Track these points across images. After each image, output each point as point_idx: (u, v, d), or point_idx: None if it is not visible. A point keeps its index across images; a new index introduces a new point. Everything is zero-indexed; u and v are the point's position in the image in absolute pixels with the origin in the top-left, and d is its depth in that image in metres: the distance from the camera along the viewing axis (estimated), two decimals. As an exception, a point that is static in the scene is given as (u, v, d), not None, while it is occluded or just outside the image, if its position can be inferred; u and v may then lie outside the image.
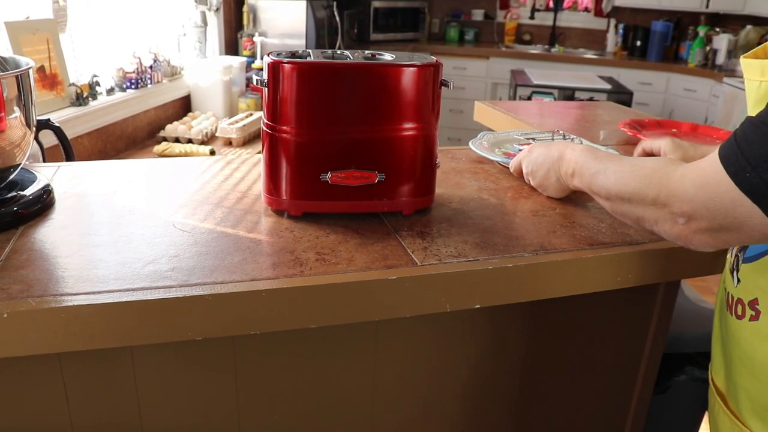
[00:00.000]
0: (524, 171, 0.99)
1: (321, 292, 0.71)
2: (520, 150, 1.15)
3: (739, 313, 0.73)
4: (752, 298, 0.70)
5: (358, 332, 0.91)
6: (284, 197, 0.87)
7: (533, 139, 1.23)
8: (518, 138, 1.25)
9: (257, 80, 0.84)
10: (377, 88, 0.83)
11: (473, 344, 0.99)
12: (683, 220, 0.65)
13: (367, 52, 0.91)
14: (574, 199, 1.00)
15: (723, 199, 0.61)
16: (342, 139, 0.81)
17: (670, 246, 0.85)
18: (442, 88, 0.88)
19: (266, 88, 0.83)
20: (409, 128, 0.85)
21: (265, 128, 0.86)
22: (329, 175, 0.84)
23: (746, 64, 0.72)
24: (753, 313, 0.70)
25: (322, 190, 0.85)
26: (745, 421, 0.73)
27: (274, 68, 0.81)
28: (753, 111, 0.70)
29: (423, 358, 0.97)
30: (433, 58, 0.87)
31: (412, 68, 0.83)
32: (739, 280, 0.73)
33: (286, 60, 0.81)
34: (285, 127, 0.83)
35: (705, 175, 0.63)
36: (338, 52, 0.89)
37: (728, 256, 0.79)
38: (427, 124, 0.87)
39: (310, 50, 0.88)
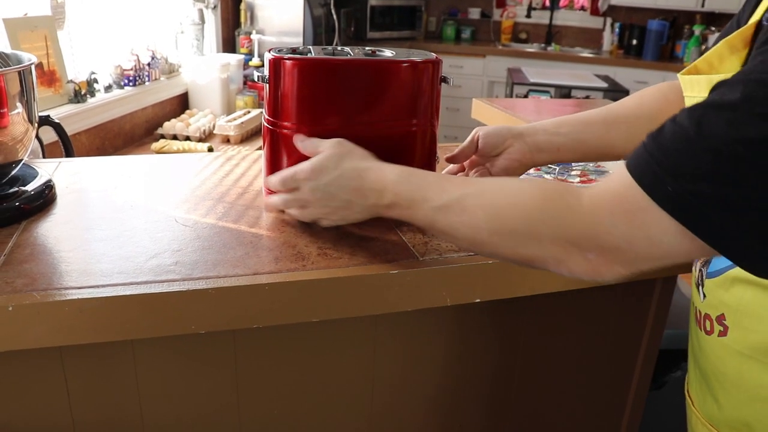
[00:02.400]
0: (306, 196, 0.75)
1: (323, 286, 0.72)
2: None
3: (708, 328, 0.72)
4: (719, 313, 0.70)
5: (358, 327, 0.92)
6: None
7: None
8: None
9: (258, 76, 0.84)
10: (378, 85, 0.83)
11: (474, 339, 0.99)
12: (595, 256, 0.55)
13: (367, 48, 0.91)
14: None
15: (648, 226, 0.52)
16: (343, 136, 0.82)
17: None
18: (442, 84, 0.88)
19: (267, 85, 0.84)
20: (409, 124, 0.86)
21: (266, 124, 0.86)
22: None
23: (689, 81, 0.68)
24: (721, 328, 0.69)
25: None
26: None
27: (276, 64, 0.81)
28: None
29: (423, 353, 0.97)
30: (433, 55, 0.87)
31: (412, 65, 0.84)
32: (705, 296, 0.72)
33: (287, 56, 0.81)
34: (286, 123, 0.83)
35: (624, 201, 0.53)
36: (338, 48, 0.89)
37: (693, 270, 0.76)
38: (428, 120, 0.87)
39: (310, 47, 0.89)
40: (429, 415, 1.03)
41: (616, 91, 3.82)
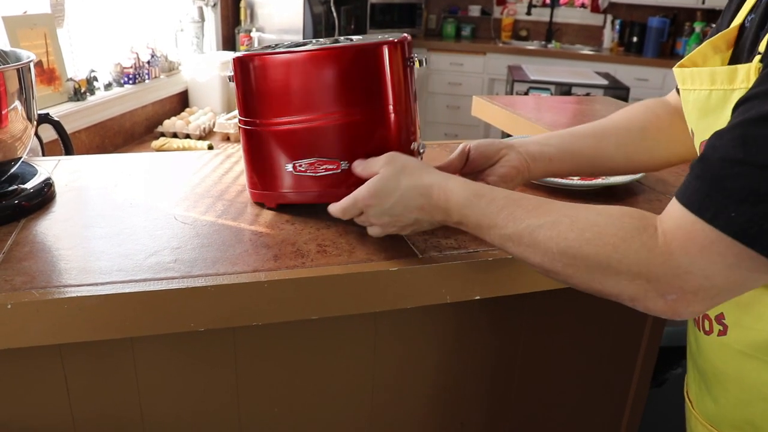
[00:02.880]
0: (373, 221, 0.74)
1: (322, 283, 0.72)
2: None
3: (707, 328, 0.71)
4: (718, 313, 0.69)
5: (358, 325, 0.92)
6: (259, 189, 0.89)
7: None
8: None
9: (229, 77, 0.87)
10: (328, 74, 0.79)
11: (473, 337, 0.99)
12: (674, 297, 0.54)
13: (342, 38, 0.86)
14: (573, 194, 1.01)
15: (723, 257, 0.51)
16: (301, 129, 0.81)
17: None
18: (415, 68, 0.83)
19: (232, 83, 0.87)
20: (370, 111, 0.80)
21: (238, 122, 0.89)
22: (292, 165, 0.83)
23: (689, 73, 0.68)
24: (720, 328, 0.69)
25: (292, 181, 0.84)
26: None
27: (233, 63, 0.85)
28: (700, 122, 0.67)
29: (423, 350, 0.97)
30: (402, 35, 0.82)
31: (363, 49, 0.78)
32: None
33: (238, 54, 0.84)
34: (249, 120, 0.85)
35: (693, 238, 0.52)
36: (314, 41, 0.87)
37: None
38: (394, 105, 0.80)
39: (301, 40, 0.88)
40: (429, 413, 1.03)
41: (616, 89, 3.82)
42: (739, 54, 0.65)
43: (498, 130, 2.21)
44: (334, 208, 0.77)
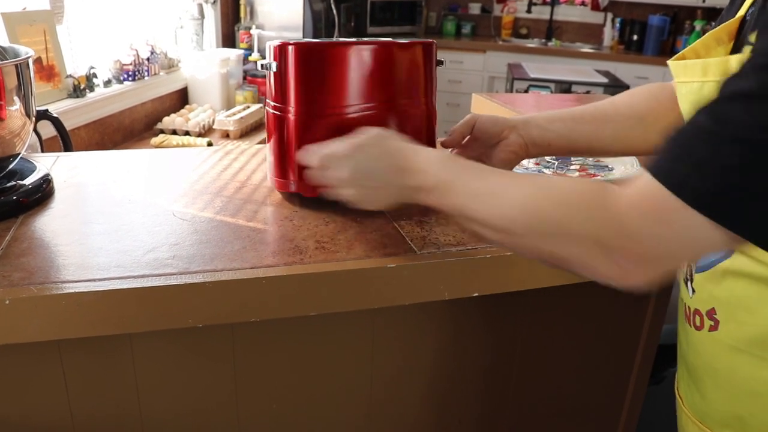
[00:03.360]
0: (340, 175, 0.73)
1: (320, 280, 0.72)
2: None
3: (698, 324, 0.71)
4: (709, 308, 0.69)
5: (356, 321, 0.92)
6: (293, 179, 0.87)
7: None
8: None
9: (262, 65, 0.86)
10: (380, 67, 0.85)
11: (472, 334, 0.99)
12: (626, 262, 0.54)
13: (365, 39, 0.92)
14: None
15: (680, 225, 0.51)
16: (350, 119, 0.83)
17: (666, 236, 0.85)
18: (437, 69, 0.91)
19: (273, 72, 0.86)
20: (410, 105, 0.88)
21: (272, 110, 0.88)
22: None
23: (683, 66, 0.69)
24: (712, 323, 0.69)
25: None
26: (714, 429, 0.72)
27: (282, 51, 0.84)
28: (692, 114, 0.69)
29: (421, 347, 0.97)
30: (430, 41, 0.90)
31: (412, 45, 0.87)
32: (694, 291, 0.72)
33: (293, 42, 0.83)
34: (291, 108, 0.85)
35: (653, 203, 0.52)
36: (341, 39, 0.90)
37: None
38: (428, 101, 0.90)
39: (311, 40, 0.89)
40: (427, 409, 1.03)
41: (616, 87, 3.81)
42: (740, 46, 0.66)
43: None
44: (311, 156, 0.76)
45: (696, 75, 0.66)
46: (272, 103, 0.88)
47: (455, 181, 0.65)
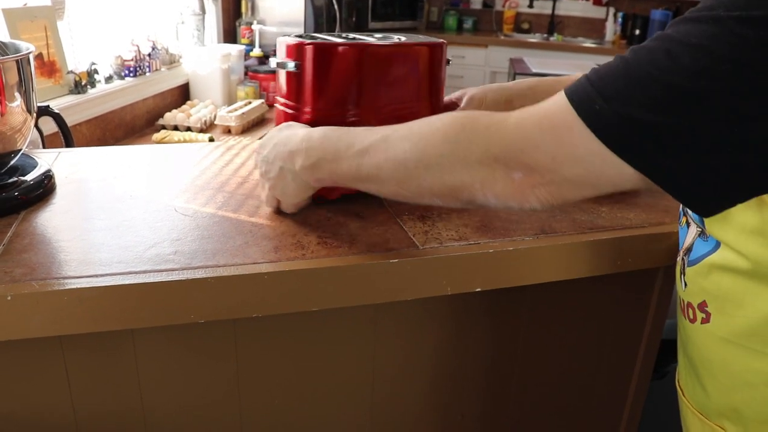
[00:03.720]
0: (259, 170, 0.79)
1: (323, 275, 0.71)
2: None
3: (692, 316, 0.71)
4: (700, 300, 0.69)
5: (358, 316, 0.91)
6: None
7: None
8: None
9: (279, 63, 0.83)
10: (400, 66, 0.84)
11: (474, 329, 0.99)
12: (521, 175, 0.54)
13: (376, 34, 0.91)
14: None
15: (574, 144, 0.51)
16: (366, 119, 0.83)
17: (670, 230, 0.85)
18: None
19: (291, 72, 0.83)
20: (426, 105, 0.88)
21: (283, 108, 0.86)
22: None
23: None
24: (704, 315, 0.69)
25: None
26: (714, 421, 0.72)
27: (299, 50, 0.81)
28: None
29: (424, 342, 0.97)
30: (440, 39, 0.90)
31: (430, 46, 0.87)
32: (686, 284, 0.72)
33: (309, 41, 0.81)
34: (307, 108, 0.83)
35: (552, 116, 0.53)
36: (343, 35, 0.89)
37: (677, 259, 0.77)
38: (439, 101, 0.90)
39: (316, 34, 0.88)
40: (430, 405, 1.03)
41: (618, 81, 3.80)
42: None
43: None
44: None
45: None
46: (284, 101, 0.86)
47: (338, 146, 0.67)
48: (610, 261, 0.83)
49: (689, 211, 0.71)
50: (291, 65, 0.82)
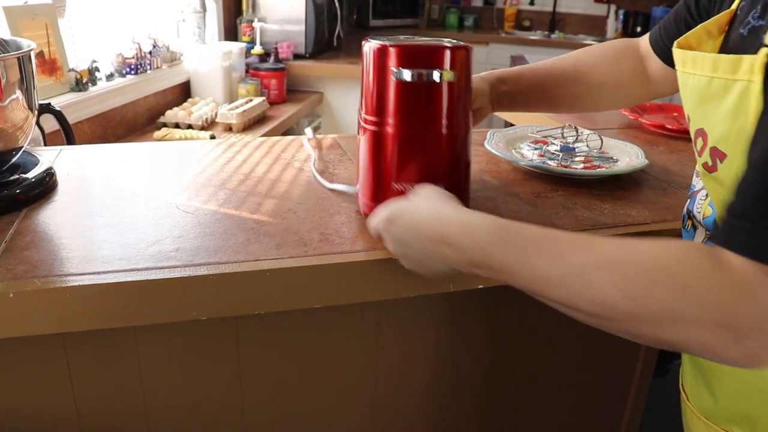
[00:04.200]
0: (390, 248, 0.70)
1: (325, 273, 0.71)
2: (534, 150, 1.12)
3: None
4: None
5: (360, 314, 0.91)
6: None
7: (549, 137, 1.16)
8: (531, 135, 1.19)
9: (396, 71, 0.72)
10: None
11: (476, 327, 0.99)
12: (756, 342, 0.47)
13: (402, 37, 0.83)
14: (576, 182, 1.00)
15: None
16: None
17: (672, 227, 0.85)
18: None
19: (422, 83, 0.73)
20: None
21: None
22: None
23: (692, 57, 0.65)
24: None
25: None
26: (722, 426, 0.72)
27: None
28: (697, 109, 0.65)
29: (426, 340, 0.97)
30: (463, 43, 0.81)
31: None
32: None
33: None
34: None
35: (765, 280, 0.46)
36: (401, 38, 0.81)
37: None
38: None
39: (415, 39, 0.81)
40: (432, 403, 1.03)
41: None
42: (728, 39, 0.65)
43: (501, 119, 2.20)
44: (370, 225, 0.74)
45: (706, 69, 0.62)
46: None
47: (509, 261, 0.57)
48: (612, 258, 0.83)
49: (697, 215, 0.71)
50: (449, 75, 0.73)
